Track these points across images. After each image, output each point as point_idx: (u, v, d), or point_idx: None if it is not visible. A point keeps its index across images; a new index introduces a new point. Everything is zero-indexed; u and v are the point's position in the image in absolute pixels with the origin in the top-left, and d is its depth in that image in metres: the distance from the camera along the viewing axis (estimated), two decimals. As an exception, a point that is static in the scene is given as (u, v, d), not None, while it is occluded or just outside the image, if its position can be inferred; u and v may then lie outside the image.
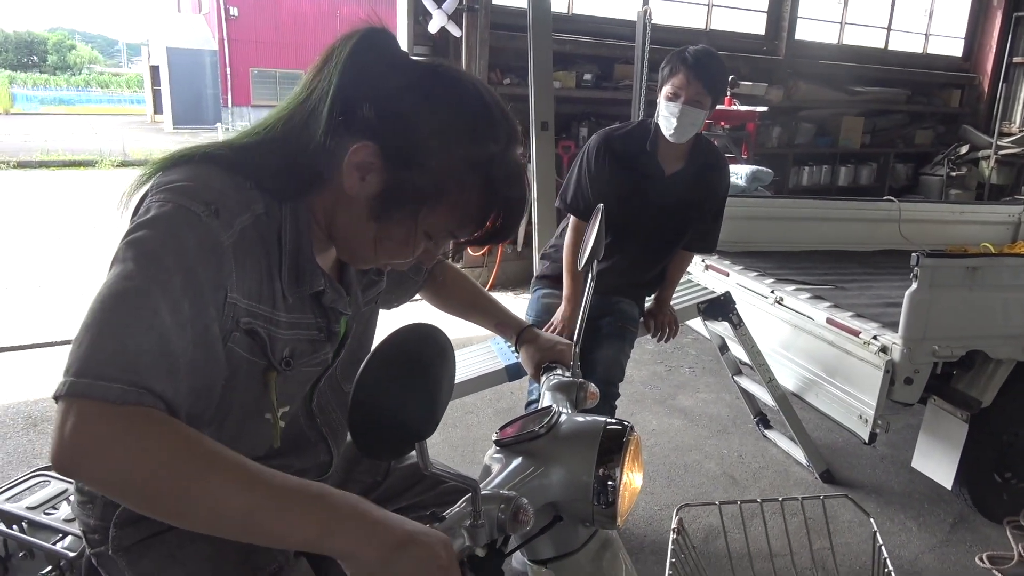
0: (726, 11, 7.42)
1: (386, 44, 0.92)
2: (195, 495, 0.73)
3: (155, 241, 0.80)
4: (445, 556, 0.75)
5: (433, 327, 0.76)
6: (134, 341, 0.75)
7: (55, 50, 53.32)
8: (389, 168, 0.89)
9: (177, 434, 0.75)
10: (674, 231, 2.56)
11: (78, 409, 0.72)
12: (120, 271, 0.79)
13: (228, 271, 0.85)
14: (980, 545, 2.65)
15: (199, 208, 0.83)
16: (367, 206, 0.91)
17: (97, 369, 0.73)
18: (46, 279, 6.04)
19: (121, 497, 0.76)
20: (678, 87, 2.35)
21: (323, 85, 0.90)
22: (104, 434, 0.72)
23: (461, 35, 5.54)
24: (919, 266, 2.38)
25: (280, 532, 0.74)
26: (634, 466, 0.90)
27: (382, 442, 0.74)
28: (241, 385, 0.93)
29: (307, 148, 0.90)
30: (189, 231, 0.82)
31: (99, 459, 0.72)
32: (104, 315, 0.76)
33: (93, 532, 1.05)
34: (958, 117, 8.66)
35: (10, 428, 3.34)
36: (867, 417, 2.55)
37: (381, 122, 0.88)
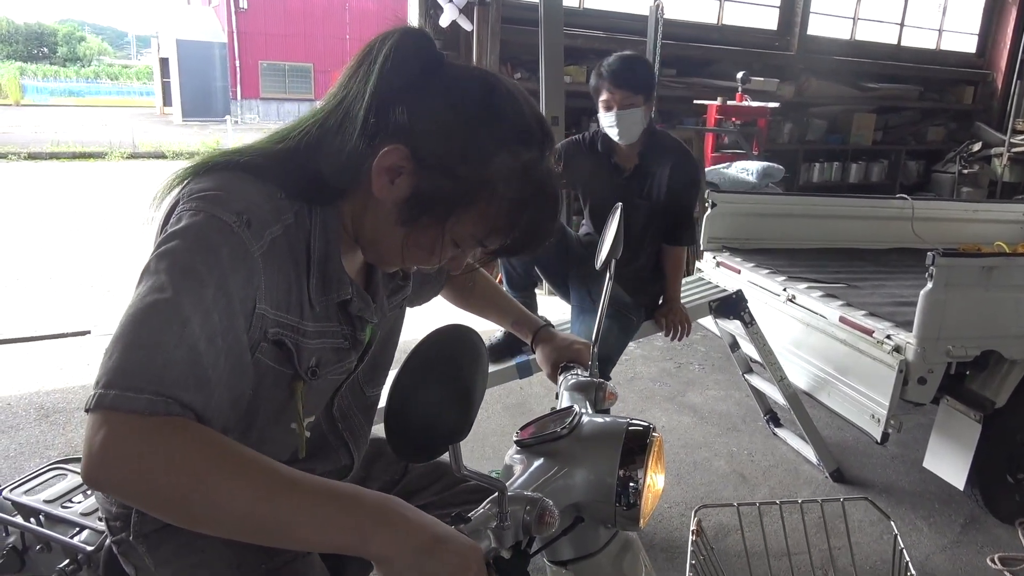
0: (738, 6, 7.39)
1: (424, 46, 0.90)
2: (227, 504, 0.72)
3: (187, 252, 0.80)
4: (475, 562, 0.75)
5: (467, 328, 0.76)
6: (164, 353, 0.75)
7: (65, 42, 53.45)
8: (419, 172, 0.87)
9: (207, 442, 0.74)
10: (641, 225, 2.64)
11: (107, 421, 0.72)
12: (152, 283, 0.78)
13: (257, 282, 0.85)
14: (991, 546, 2.64)
15: (230, 218, 0.83)
16: (395, 210, 0.90)
17: (126, 381, 0.72)
18: (57, 271, 6.07)
19: (153, 508, 0.75)
20: (607, 99, 2.55)
21: (358, 86, 0.89)
22: (133, 446, 0.71)
23: (472, 29, 5.53)
24: (935, 265, 2.36)
25: (317, 539, 0.74)
26: (657, 467, 0.89)
27: (417, 444, 0.74)
28: (267, 395, 0.93)
29: (341, 151, 0.89)
30: (221, 241, 0.81)
31: (129, 472, 0.72)
32: (135, 327, 0.76)
33: (115, 519, 1.05)
34: (971, 114, 8.60)
35: (22, 419, 3.36)
36: (880, 417, 2.54)
37: (414, 125, 0.87)
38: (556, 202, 0.94)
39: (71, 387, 3.72)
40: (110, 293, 5.52)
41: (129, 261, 6.51)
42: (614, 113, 2.53)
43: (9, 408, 3.46)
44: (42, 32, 53.53)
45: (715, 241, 3.66)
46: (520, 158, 0.89)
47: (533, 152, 0.90)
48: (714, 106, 6.16)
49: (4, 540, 1.40)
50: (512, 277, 2.73)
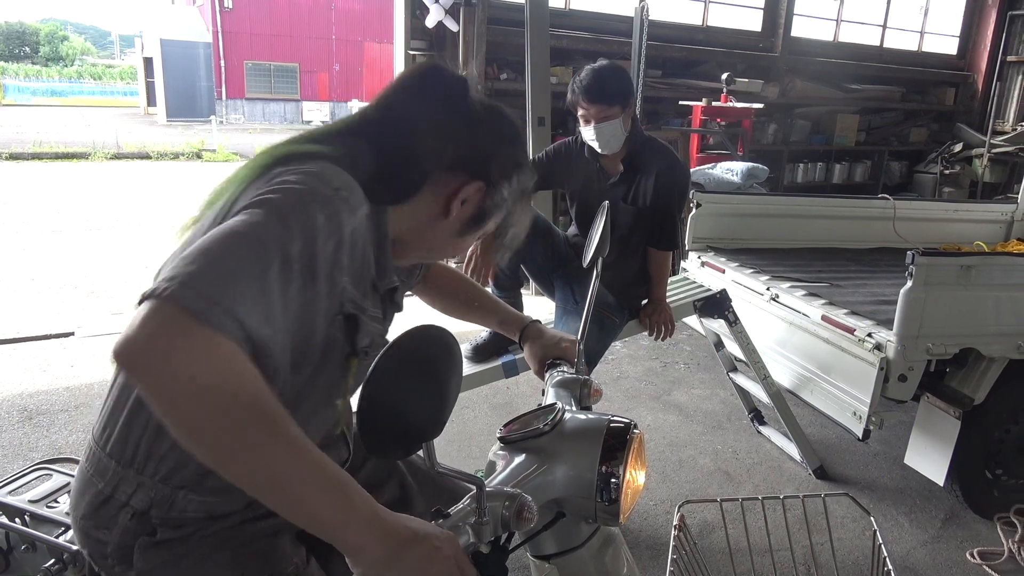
0: (722, 7, 7.43)
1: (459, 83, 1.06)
2: (235, 434, 0.73)
3: (287, 206, 0.85)
4: (452, 552, 0.77)
5: (440, 328, 0.77)
6: (238, 280, 0.77)
7: (47, 41, 52.92)
8: (487, 201, 1.07)
9: (248, 376, 0.75)
10: (627, 229, 2.66)
11: (159, 309, 0.73)
12: (247, 218, 0.83)
13: (343, 255, 0.90)
14: (971, 541, 2.68)
15: (330, 191, 0.90)
16: (459, 225, 1.08)
17: (194, 283, 0.74)
18: (40, 272, 6.02)
19: (166, 410, 0.74)
20: (584, 113, 2.56)
21: (424, 113, 1.01)
22: (172, 340, 0.72)
23: (458, 30, 5.54)
24: (914, 264, 2.40)
25: (303, 507, 0.75)
26: (637, 464, 0.91)
27: (391, 442, 0.75)
28: (330, 369, 0.98)
29: (404, 171, 1.02)
30: (320, 207, 0.87)
31: (157, 361, 0.72)
32: (221, 248, 0.79)
33: (104, 557, 1.03)
34: (952, 115, 8.69)
35: (5, 421, 3.33)
36: (861, 414, 2.57)
37: (487, 166, 1.05)
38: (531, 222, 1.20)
39: (55, 389, 3.69)
40: (94, 294, 5.48)
41: (113, 262, 6.47)
42: (592, 127, 2.54)
43: (-8, 410, 3.43)
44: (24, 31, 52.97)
45: (700, 241, 3.69)
46: (531, 181, 1.14)
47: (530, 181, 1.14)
48: (699, 107, 6.20)
49: (-11, 541, 1.40)
50: (499, 276, 2.75)
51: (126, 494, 1.00)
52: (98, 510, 1.02)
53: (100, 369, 3.97)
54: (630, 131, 2.60)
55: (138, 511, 0.99)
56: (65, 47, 54.40)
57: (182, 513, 1.00)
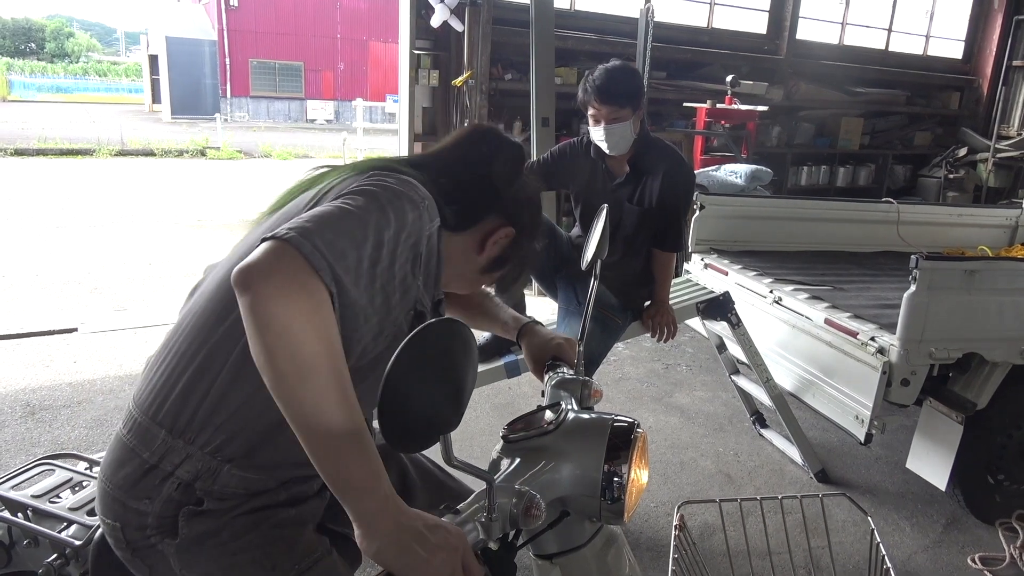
0: (728, 9, 7.43)
1: (517, 150, 1.24)
2: (309, 377, 0.83)
3: (385, 198, 1.00)
4: (459, 546, 0.79)
5: (458, 322, 0.78)
6: (343, 245, 0.92)
7: (53, 37, 53.01)
8: (512, 245, 1.22)
9: (330, 329, 0.87)
10: (631, 230, 2.66)
11: (288, 254, 0.86)
12: (353, 200, 0.98)
13: (420, 253, 1.05)
14: (972, 546, 2.67)
15: (418, 198, 1.05)
16: (486, 263, 1.22)
17: (312, 237, 0.88)
18: (44, 268, 6.03)
19: (261, 333, 0.84)
20: (595, 113, 2.54)
21: (491, 167, 1.18)
22: (291, 281, 0.85)
23: (463, 30, 5.54)
24: (918, 268, 2.39)
25: (336, 460, 0.83)
26: (641, 463, 0.91)
27: (409, 435, 0.76)
28: (385, 355, 1.02)
29: (471, 202, 1.18)
30: (411, 209, 1.02)
31: (272, 288, 0.84)
32: (332, 217, 0.94)
33: (142, 528, 1.04)
34: (957, 119, 8.68)
35: (8, 416, 3.34)
36: (863, 418, 2.57)
37: (518, 214, 1.21)
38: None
39: (57, 384, 3.70)
40: (97, 291, 5.49)
41: (116, 259, 6.48)
42: (602, 128, 2.52)
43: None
44: (30, 28, 53.08)
45: (703, 243, 3.69)
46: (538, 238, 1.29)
47: None
48: (703, 109, 6.20)
49: (-9, 535, 1.40)
50: None
51: (173, 464, 1.03)
52: (140, 480, 1.05)
53: (103, 365, 3.98)
54: (638, 134, 2.59)
55: (183, 482, 1.03)
56: (71, 44, 54.49)
57: (224, 487, 1.04)
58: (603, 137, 2.54)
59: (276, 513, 1.09)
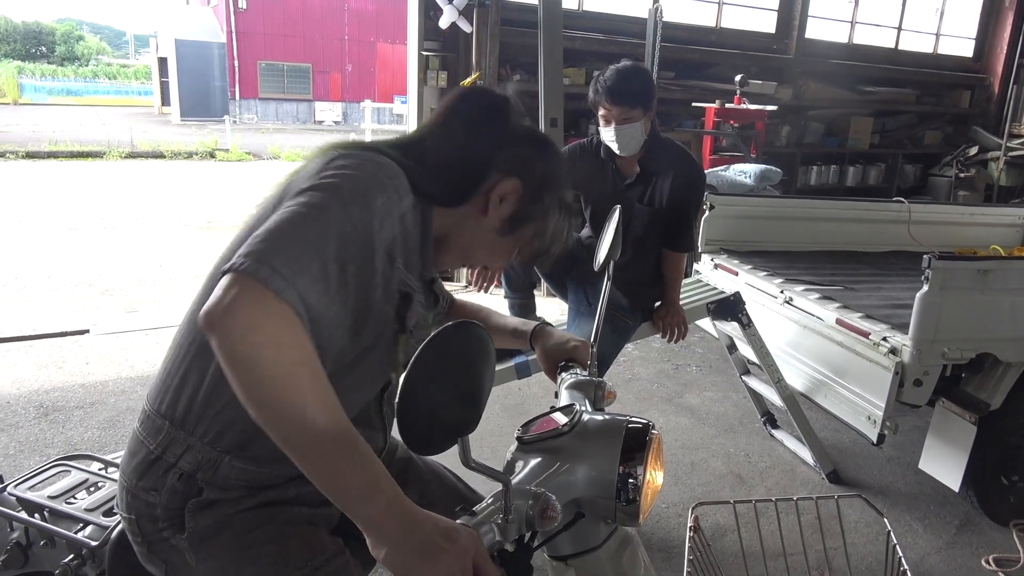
0: (736, 9, 7.41)
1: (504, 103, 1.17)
2: (291, 403, 0.80)
3: (346, 190, 0.94)
4: (471, 547, 0.78)
5: (475, 324, 0.79)
6: (307, 257, 0.87)
7: (63, 41, 53.33)
8: (524, 199, 1.15)
9: (306, 349, 0.84)
10: (642, 231, 2.65)
11: (247, 285, 0.83)
12: (309, 199, 0.92)
13: (396, 237, 1.00)
14: (986, 547, 2.66)
15: (385, 179, 1.00)
16: (498, 224, 1.16)
17: (274, 264, 0.84)
18: (56, 270, 6.07)
19: (239, 372, 0.82)
20: (606, 114, 2.53)
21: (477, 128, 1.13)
22: (257, 312, 0.82)
23: (472, 31, 5.55)
24: (931, 268, 2.38)
25: (335, 474, 0.81)
26: (656, 464, 0.91)
27: (428, 436, 0.77)
28: (382, 342, 1.05)
29: (461, 172, 1.13)
30: (378, 192, 0.97)
31: (237, 325, 0.81)
32: (290, 228, 0.89)
33: (153, 520, 1.06)
34: (967, 118, 8.63)
35: (22, 417, 3.37)
36: (876, 418, 2.56)
37: (524, 165, 1.14)
38: (572, 227, 1.27)
39: (70, 385, 3.73)
40: (108, 292, 5.53)
41: (127, 260, 6.51)
42: (613, 128, 2.51)
43: (8, 406, 3.46)
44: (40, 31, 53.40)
45: (713, 243, 3.68)
46: (567, 193, 1.22)
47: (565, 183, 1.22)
48: (712, 109, 6.19)
49: (8, 536, 1.41)
50: (512, 278, 2.75)
51: (175, 455, 1.05)
52: (147, 471, 1.06)
53: (115, 366, 4.00)
54: (648, 135, 2.59)
55: (185, 473, 1.04)
56: (81, 47, 54.83)
57: (225, 479, 1.05)
58: (614, 138, 2.53)
59: (288, 510, 1.09)
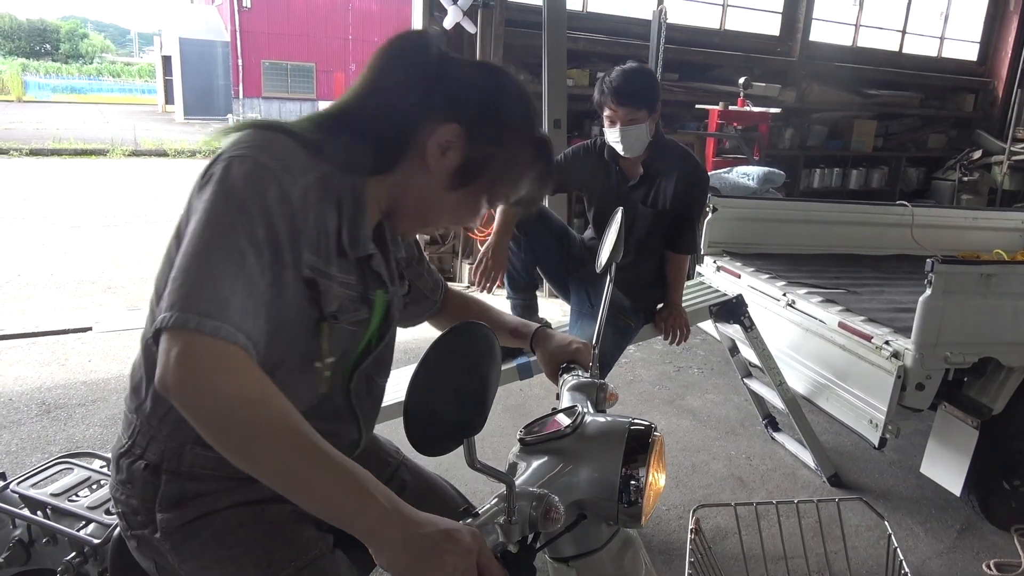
0: (741, 11, 7.41)
1: (444, 44, 1.07)
2: (261, 441, 0.80)
3: (239, 193, 0.90)
4: (474, 546, 0.78)
5: (482, 325, 0.79)
6: (228, 285, 0.85)
7: (67, 38, 53.43)
8: (469, 146, 1.03)
9: (259, 383, 0.83)
10: (645, 232, 2.65)
11: (181, 340, 0.81)
12: (209, 220, 0.88)
13: (298, 222, 0.94)
14: (987, 552, 2.65)
15: (272, 163, 0.93)
16: (447, 178, 1.05)
17: (199, 306, 0.82)
18: (59, 267, 6.08)
19: (203, 425, 0.81)
20: (611, 115, 2.53)
21: (395, 77, 1.02)
22: (202, 365, 0.81)
23: (476, 31, 5.55)
24: (934, 272, 2.38)
25: (321, 497, 0.80)
26: (658, 466, 0.91)
27: (434, 437, 0.77)
28: (295, 335, 1.00)
29: (390, 132, 1.02)
30: (267, 184, 0.91)
31: (195, 385, 0.80)
32: (201, 259, 0.85)
33: (135, 514, 1.07)
34: (971, 122, 8.62)
35: (24, 414, 3.37)
36: (877, 422, 2.56)
37: (462, 107, 1.02)
38: (554, 164, 1.15)
39: (72, 383, 3.73)
40: (111, 290, 5.54)
41: (130, 258, 6.52)
42: (618, 129, 2.51)
43: (11, 403, 3.47)
44: (45, 29, 53.53)
45: (716, 245, 3.68)
46: (535, 130, 1.09)
47: (537, 123, 1.11)
48: (716, 111, 6.19)
49: (11, 533, 1.42)
50: (514, 279, 2.75)
51: (141, 447, 1.05)
52: (119, 463, 1.08)
53: (117, 364, 4.01)
54: (653, 136, 2.59)
55: (151, 464, 1.04)
56: (85, 45, 54.91)
57: (191, 467, 1.04)
58: (619, 139, 2.53)
59: (273, 508, 1.07)
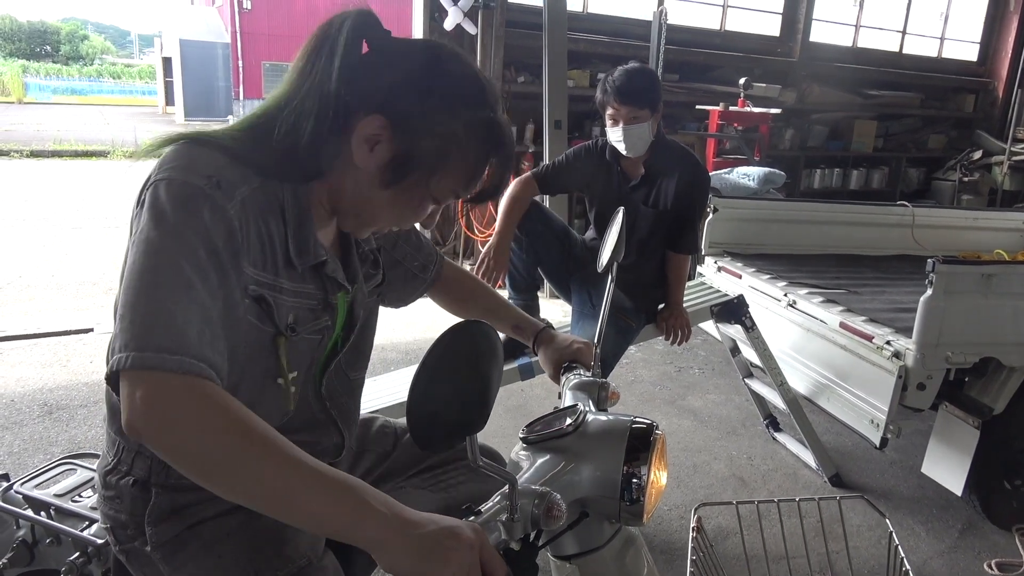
0: (741, 12, 7.42)
1: (375, 23, 0.98)
2: (245, 470, 0.79)
3: (173, 218, 0.86)
4: (478, 541, 0.78)
5: (484, 324, 0.79)
6: (181, 315, 0.82)
7: (68, 40, 53.46)
8: (397, 138, 0.96)
9: (232, 411, 0.80)
10: (646, 233, 2.66)
11: (143, 380, 0.79)
12: (148, 250, 0.84)
13: (238, 239, 0.90)
14: (989, 552, 2.65)
15: (201, 181, 0.88)
16: (378, 175, 0.98)
17: (155, 342, 0.79)
18: (60, 268, 6.08)
19: (181, 463, 0.80)
20: (613, 114, 2.54)
21: (324, 68, 0.95)
22: (171, 404, 0.79)
23: (476, 33, 5.56)
24: (935, 272, 2.38)
25: (316, 515, 0.79)
26: (660, 464, 0.92)
27: (437, 435, 0.77)
28: (252, 353, 0.97)
29: (322, 132, 0.95)
30: (200, 204, 0.87)
31: (166, 425, 0.79)
32: (148, 292, 0.82)
33: (124, 528, 1.06)
34: (972, 122, 8.62)
35: (26, 415, 3.38)
36: (879, 422, 2.56)
37: (387, 95, 0.95)
38: (513, 151, 1.06)
39: (74, 384, 3.74)
40: (112, 291, 5.53)
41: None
42: (620, 128, 2.53)
43: (13, 404, 3.47)
44: (45, 30, 53.56)
45: (716, 246, 3.68)
46: (485, 114, 0.99)
47: (489, 107, 1.00)
48: (716, 111, 6.19)
49: (14, 533, 1.42)
50: (515, 279, 2.76)
51: (127, 464, 1.04)
52: (106, 480, 1.07)
53: (119, 365, 4.00)
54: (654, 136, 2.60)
55: (139, 480, 1.03)
56: (85, 46, 54.94)
57: (180, 479, 1.02)
58: (621, 138, 2.54)
59: (259, 518, 1.03)
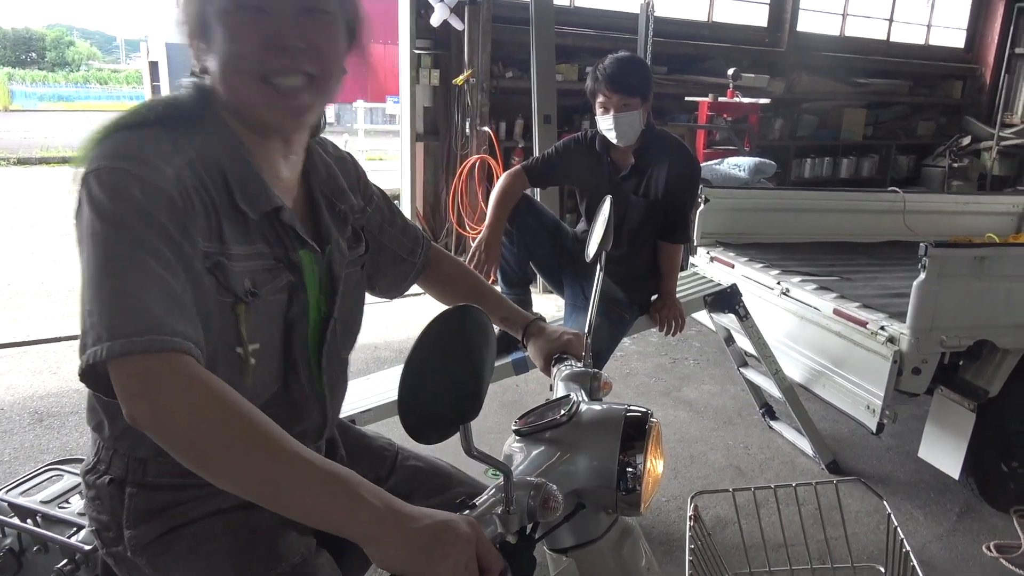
0: (728, 3, 7.41)
1: None
2: (238, 462, 0.78)
3: (111, 206, 0.85)
4: (473, 534, 0.76)
5: (475, 308, 0.77)
6: (143, 295, 0.82)
7: (53, 46, 53.11)
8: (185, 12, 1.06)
9: (221, 395, 0.80)
10: (637, 223, 2.65)
11: (124, 367, 0.79)
12: (96, 242, 0.84)
13: (181, 210, 0.89)
14: (987, 534, 2.66)
15: (126, 164, 0.88)
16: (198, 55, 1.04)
17: (124, 329, 0.79)
18: (49, 275, 6.04)
19: (178, 452, 0.80)
20: (604, 101, 2.54)
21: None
22: (155, 387, 0.79)
23: (463, 28, 5.53)
24: (927, 256, 2.38)
25: (308, 507, 0.78)
26: (656, 452, 0.90)
27: (429, 425, 0.75)
28: (216, 322, 0.95)
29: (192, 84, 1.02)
30: (131, 185, 0.87)
31: (159, 414, 0.79)
32: (106, 283, 0.82)
33: (107, 530, 1.05)
34: (960, 108, 8.64)
35: (16, 424, 3.34)
36: (875, 407, 2.56)
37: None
38: None
39: (65, 391, 3.70)
40: (103, 297, 5.50)
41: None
42: (611, 116, 2.52)
43: (3, 412, 3.44)
44: (30, 37, 53.18)
45: (709, 236, 3.67)
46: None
47: None
48: (705, 103, 6.18)
49: (1, 542, 1.39)
50: (507, 274, 2.74)
51: (105, 463, 1.05)
52: (87, 480, 1.07)
53: (110, 371, 3.97)
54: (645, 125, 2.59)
55: (116, 478, 1.03)
56: (71, 52, 54.58)
57: (157, 478, 1.02)
58: (611, 126, 2.53)
59: (249, 515, 1.04)
